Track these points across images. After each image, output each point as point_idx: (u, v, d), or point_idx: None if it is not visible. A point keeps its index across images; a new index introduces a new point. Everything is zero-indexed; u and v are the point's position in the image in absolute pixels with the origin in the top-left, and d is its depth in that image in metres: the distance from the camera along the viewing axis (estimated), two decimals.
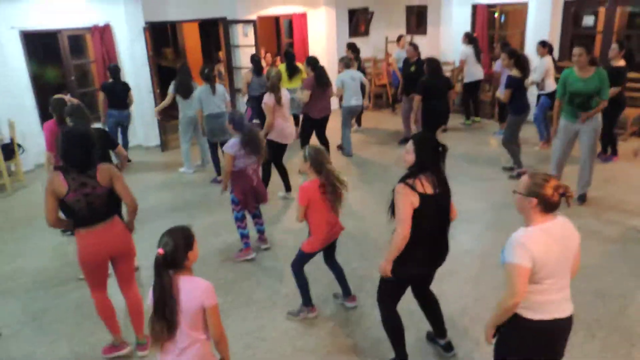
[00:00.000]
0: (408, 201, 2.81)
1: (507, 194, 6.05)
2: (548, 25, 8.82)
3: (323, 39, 10.70)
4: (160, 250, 2.31)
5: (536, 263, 2.27)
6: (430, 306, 3.36)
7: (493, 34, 10.45)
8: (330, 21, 10.72)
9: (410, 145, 2.93)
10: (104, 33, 8.07)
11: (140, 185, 7.06)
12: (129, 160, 7.42)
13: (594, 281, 4.13)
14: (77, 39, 8.30)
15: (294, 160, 6.99)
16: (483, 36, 10.20)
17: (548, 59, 7.37)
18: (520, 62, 6.22)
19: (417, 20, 11.80)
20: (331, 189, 3.57)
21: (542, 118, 7.63)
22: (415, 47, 8.05)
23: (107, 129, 7.41)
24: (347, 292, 4.01)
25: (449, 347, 3.39)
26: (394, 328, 3.19)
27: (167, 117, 8.90)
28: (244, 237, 4.82)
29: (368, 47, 11.67)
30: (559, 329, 2.42)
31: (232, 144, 4.56)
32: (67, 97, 5.59)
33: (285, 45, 10.75)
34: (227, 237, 5.25)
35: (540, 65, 7.37)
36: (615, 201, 5.65)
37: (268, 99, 5.84)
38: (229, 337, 3.62)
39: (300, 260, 3.76)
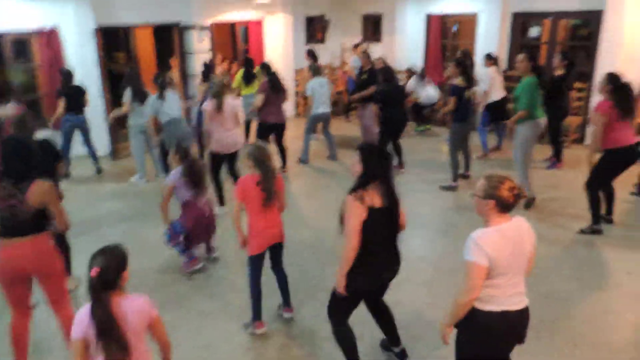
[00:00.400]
0: (357, 215, 2.83)
1: (459, 199, 6.26)
2: (497, 35, 9.15)
3: (280, 45, 10.70)
4: (96, 270, 2.24)
5: (490, 261, 2.40)
6: (382, 315, 3.36)
7: (446, 43, 10.72)
8: (287, 28, 10.73)
9: (357, 155, 2.94)
10: (50, 37, 7.78)
11: (90, 194, 6.85)
12: (67, 175, 7.23)
13: (540, 283, 4.28)
14: (21, 43, 7.97)
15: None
16: (436, 45, 10.46)
17: (491, 70, 7.63)
18: (466, 71, 6.39)
19: (373, 28, 11.98)
20: (268, 185, 3.52)
21: (482, 128, 7.86)
22: (367, 55, 8.15)
23: (61, 134, 7.20)
24: (286, 302, 3.96)
25: (403, 355, 3.41)
26: (345, 340, 3.17)
27: (119, 124, 8.65)
28: (182, 253, 4.68)
29: (324, 54, 11.74)
30: (509, 321, 2.50)
31: (172, 174, 4.54)
32: (10, 106, 5.38)
33: (241, 52, 10.69)
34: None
35: (485, 76, 7.62)
36: (559, 206, 5.89)
37: (208, 105, 5.75)
38: (181, 352, 3.56)
39: (249, 266, 3.70)
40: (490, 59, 7.74)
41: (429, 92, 9.28)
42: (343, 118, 10.71)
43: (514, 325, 2.55)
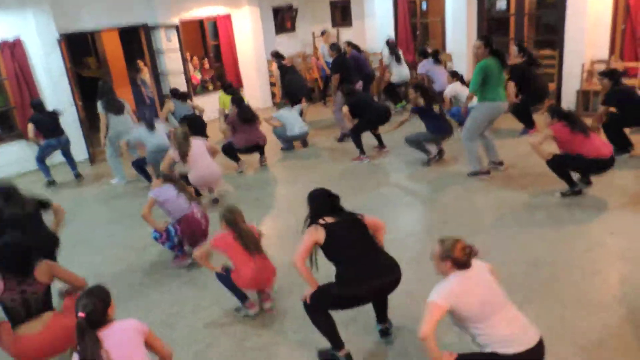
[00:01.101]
0: (312, 237, 3.13)
1: (446, 175, 6.30)
2: (465, 11, 9.19)
3: (250, 38, 10.62)
4: (82, 314, 2.39)
5: (459, 303, 2.61)
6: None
7: (415, 22, 10.74)
8: (255, 20, 10.65)
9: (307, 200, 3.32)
10: (14, 48, 7.61)
11: (72, 199, 6.79)
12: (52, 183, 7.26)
13: (527, 250, 4.35)
14: None
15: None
16: (406, 25, 10.47)
17: (454, 85, 7.78)
18: (425, 93, 6.55)
19: (342, 13, 11.94)
20: (246, 241, 3.71)
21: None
22: (332, 46, 8.15)
23: (39, 149, 7.22)
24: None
25: (385, 333, 3.47)
26: (325, 325, 3.22)
27: (95, 129, 8.54)
28: (171, 249, 4.72)
29: (296, 43, 11.69)
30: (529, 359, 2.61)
31: (159, 191, 4.62)
32: None
33: (211, 48, 10.59)
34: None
35: (449, 91, 7.78)
36: (540, 172, 5.97)
37: (172, 153, 5.72)
38: (177, 348, 3.56)
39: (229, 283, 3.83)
40: (455, 76, 7.88)
41: (401, 72, 9.29)
42: (321, 104, 10.71)
43: None
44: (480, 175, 5.98)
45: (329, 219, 3.16)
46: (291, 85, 8.46)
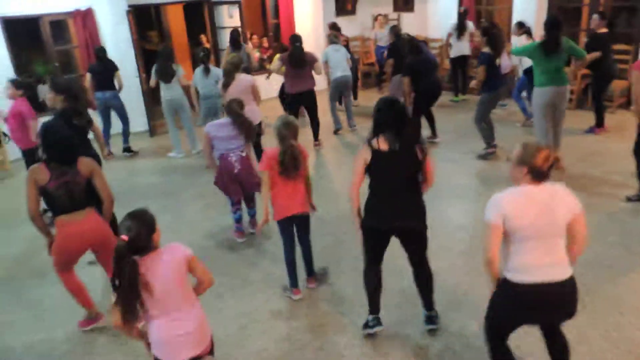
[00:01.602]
0: (361, 157, 3.09)
1: (495, 168, 6.14)
2: None
3: (309, 18, 10.58)
4: (124, 237, 2.27)
5: (508, 222, 2.42)
6: (420, 278, 3.38)
7: (480, 9, 10.37)
8: (316, 1, 10.58)
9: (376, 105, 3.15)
10: (86, 17, 7.92)
11: (129, 170, 7.05)
12: (110, 153, 7.40)
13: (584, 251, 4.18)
14: (59, 24, 8.14)
15: None
16: (471, 12, 10.13)
17: (522, 38, 7.40)
18: (492, 39, 6.17)
19: None
20: (287, 160, 3.58)
21: (518, 95, 7.65)
22: (391, 29, 7.98)
23: (99, 113, 7.35)
24: (309, 273, 4.03)
25: (430, 320, 3.44)
26: (368, 284, 3.36)
27: (155, 101, 8.80)
28: (235, 221, 4.85)
29: (355, 26, 11.55)
30: (545, 294, 2.45)
31: (211, 124, 4.58)
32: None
33: (272, 26, 10.64)
34: (220, 220, 5.24)
35: (515, 44, 7.39)
36: (602, 173, 5.71)
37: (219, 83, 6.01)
38: (224, 319, 3.67)
39: (280, 233, 3.86)
40: (522, 27, 7.49)
41: (459, 46, 8.95)
42: (376, 89, 10.59)
43: (551, 299, 2.48)
44: None
45: (383, 145, 3.02)
46: None
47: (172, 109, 7.14)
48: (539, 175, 2.43)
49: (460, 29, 8.92)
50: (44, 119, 4.43)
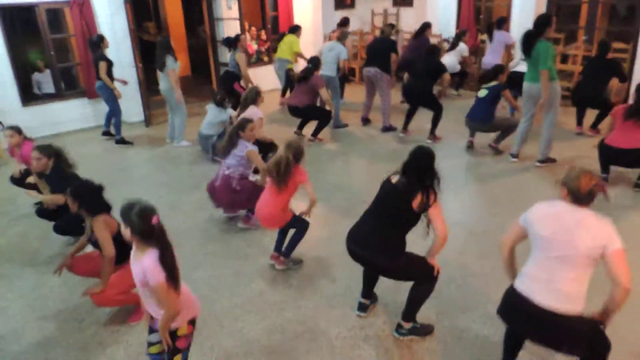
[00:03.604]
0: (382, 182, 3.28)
1: (494, 166, 6.14)
2: None
3: (309, 11, 10.55)
4: (156, 219, 2.46)
5: (531, 227, 2.58)
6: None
7: (479, 5, 10.35)
8: None
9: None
10: (83, 6, 7.86)
11: (124, 160, 7.01)
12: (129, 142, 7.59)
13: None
14: (55, 13, 8.08)
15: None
16: (470, 8, 10.11)
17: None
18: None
19: None
20: (275, 166, 3.91)
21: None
22: (389, 26, 8.06)
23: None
24: (284, 253, 4.18)
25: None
26: (363, 278, 3.55)
27: (151, 92, 8.76)
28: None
29: (354, 20, 11.53)
30: (525, 308, 2.52)
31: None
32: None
33: (270, 19, 10.58)
34: (215, 212, 5.22)
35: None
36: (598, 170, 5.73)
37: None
38: (217, 311, 3.66)
39: None
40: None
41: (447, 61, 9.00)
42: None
43: (533, 319, 2.50)
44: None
45: (394, 177, 3.16)
46: None
47: (166, 98, 7.16)
48: (577, 198, 2.51)
49: (452, 45, 9.06)
50: None
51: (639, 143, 5.02)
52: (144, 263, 2.44)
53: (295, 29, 8.85)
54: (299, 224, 4.14)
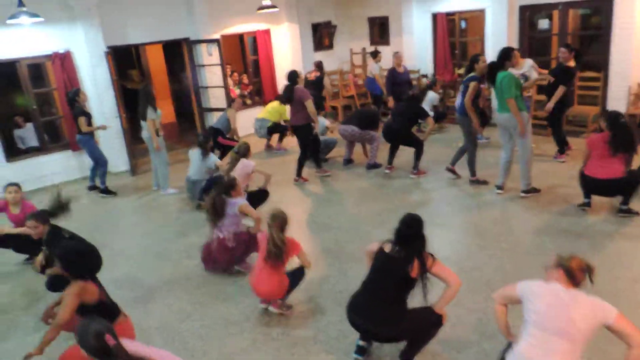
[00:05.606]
0: (370, 248, 3.39)
1: (479, 198, 6.20)
2: (505, 30, 9.08)
3: (288, 54, 10.76)
4: (111, 339, 2.41)
5: (526, 300, 2.66)
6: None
7: (454, 41, 10.68)
8: (294, 36, 10.80)
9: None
10: (64, 60, 7.93)
11: (111, 210, 6.95)
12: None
13: None
14: (37, 67, 8.14)
15: None
16: (444, 44, 10.42)
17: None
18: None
19: (380, 31, 11.96)
20: (267, 249, 3.90)
21: None
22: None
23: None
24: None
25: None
26: None
27: (135, 140, 8.78)
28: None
29: (333, 60, 11.79)
30: None
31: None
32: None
33: (251, 63, 10.76)
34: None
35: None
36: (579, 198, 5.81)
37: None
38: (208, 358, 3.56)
39: None
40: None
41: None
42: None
43: None
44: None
45: (388, 246, 3.21)
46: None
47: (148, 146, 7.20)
48: (572, 278, 2.63)
49: (422, 92, 9.26)
50: None
51: (617, 173, 5.10)
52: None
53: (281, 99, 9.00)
54: (296, 276, 4.13)
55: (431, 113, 9.05)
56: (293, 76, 7.11)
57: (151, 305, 4.43)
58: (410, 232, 3.15)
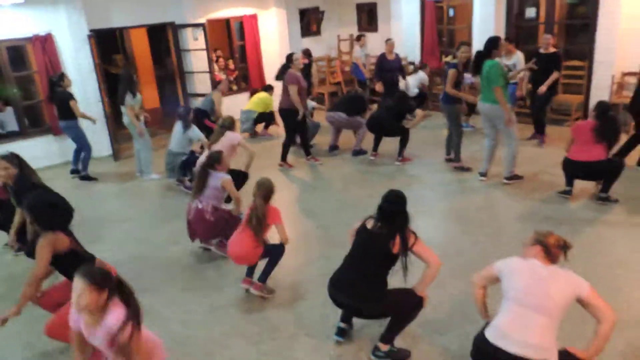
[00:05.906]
0: (354, 226, 3.33)
1: (463, 185, 6.24)
2: (493, 18, 9.06)
3: (275, 39, 10.67)
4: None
5: (504, 278, 2.71)
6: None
7: (442, 28, 10.65)
8: (281, 22, 10.69)
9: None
10: (45, 43, 7.78)
11: (93, 196, 6.88)
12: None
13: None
14: (17, 50, 7.97)
15: None
16: (432, 31, 10.39)
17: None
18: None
19: (368, 17, 11.92)
20: (251, 217, 3.95)
21: None
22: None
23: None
24: (260, 278, 4.13)
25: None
26: None
27: (118, 125, 8.67)
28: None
29: (321, 47, 11.72)
30: (498, 357, 2.56)
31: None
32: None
33: (237, 48, 10.65)
34: (187, 244, 5.12)
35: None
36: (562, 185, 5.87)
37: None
38: (192, 346, 3.58)
39: None
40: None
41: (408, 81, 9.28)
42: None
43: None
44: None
45: (370, 223, 3.20)
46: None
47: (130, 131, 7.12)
48: (550, 253, 2.69)
49: (415, 69, 9.48)
50: None
51: (599, 156, 5.19)
52: (109, 323, 2.42)
53: (269, 88, 9.06)
54: (274, 251, 4.11)
55: (416, 90, 9.10)
56: (289, 57, 7.10)
57: (134, 291, 4.40)
58: (393, 209, 3.15)
